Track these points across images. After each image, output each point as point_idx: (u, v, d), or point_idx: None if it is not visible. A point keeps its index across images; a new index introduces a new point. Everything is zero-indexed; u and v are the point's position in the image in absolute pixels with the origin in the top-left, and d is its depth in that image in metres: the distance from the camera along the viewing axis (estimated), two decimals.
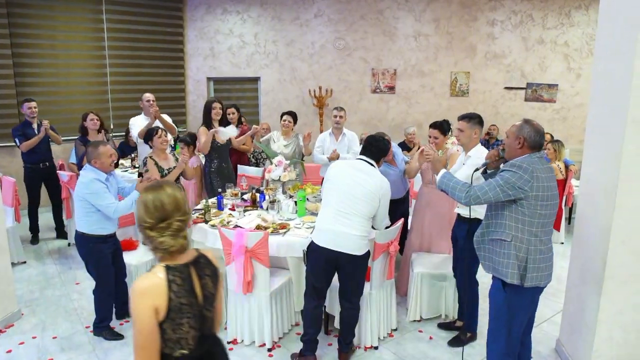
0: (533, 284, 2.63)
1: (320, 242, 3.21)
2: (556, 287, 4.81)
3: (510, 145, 2.73)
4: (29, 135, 5.73)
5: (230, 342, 3.75)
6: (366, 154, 3.38)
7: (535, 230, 2.63)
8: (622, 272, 2.92)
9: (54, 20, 7.44)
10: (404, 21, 8.48)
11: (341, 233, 3.16)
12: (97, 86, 7.99)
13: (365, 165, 3.32)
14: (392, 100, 8.74)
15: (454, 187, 2.83)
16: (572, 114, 8.31)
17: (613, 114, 2.95)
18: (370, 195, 3.20)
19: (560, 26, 8.09)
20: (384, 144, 3.40)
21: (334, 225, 3.18)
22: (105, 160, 3.62)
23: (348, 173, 3.27)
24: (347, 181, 3.23)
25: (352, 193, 3.19)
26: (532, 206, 2.59)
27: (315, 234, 3.29)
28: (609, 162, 2.97)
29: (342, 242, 3.16)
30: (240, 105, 9.10)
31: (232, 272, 3.60)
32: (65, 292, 4.68)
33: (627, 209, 2.84)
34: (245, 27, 8.78)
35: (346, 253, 3.16)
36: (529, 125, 2.68)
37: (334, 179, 3.30)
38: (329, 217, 3.22)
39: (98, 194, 3.54)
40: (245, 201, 4.65)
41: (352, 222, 3.18)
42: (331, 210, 3.22)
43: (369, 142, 3.40)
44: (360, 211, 3.19)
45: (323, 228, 3.23)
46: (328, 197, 3.30)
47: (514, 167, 2.60)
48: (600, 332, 3.03)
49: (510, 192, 2.58)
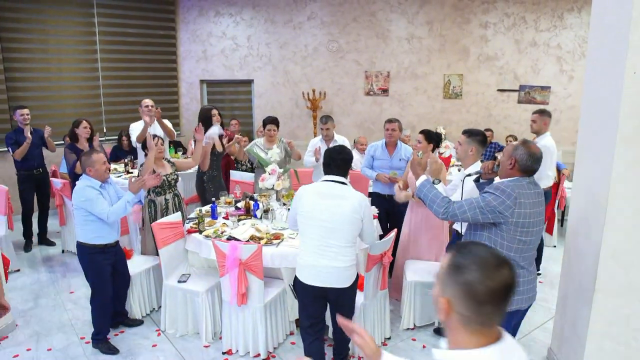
0: (514, 307, 2.65)
1: (305, 280, 3.01)
2: (548, 291, 4.88)
3: (503, 164, 2.73)
4: (21, 142, 5.71)
5: (225, 353, 3.77)
6: (332, 171, 3.05)
7: (513, 255, 2.61)
8: (612, 285, 2.95)
9: (45, 25, 7.39)
10: (397, 24, 8.48)
11: (325, 268, 2.95)
12: (90, 90, 7.95)
13: (336, 187, 3.00)
14: (386, 102, 8.75)
15: (433, 200, 2.79)
16: (564, 116, 8.36)
17: (603, 129, 2.98)
18: (351, 219, 2.94)
19: (553, 29, 8.12)
20: (347, 153, 3.10)
21: (316, 260, 2.96)
22: (99, 168, 3.61)
23: (320, 205, 2.95)
24: (323, 216, 2.93)
25: (331, 226, 2.93)
26: (511, 231, 2.58)
27: (299, 270, 3.07)
28: (600, 177, 3.00)
29: (327, 277, 2.96)
30: (234, 108, 9.14)
31: (226, 283, 3.62)
32: (59, 302, 4.67)
33: (617, 223, 2.87)
34: (238, 30, 8.76)
35: (333, 288, 2.98)
36: (525, 148, 2.63)
37: (307, 214, 2.99)
38: (310, 252, 2.99)
39: (92, 200, 3.54)
40: (239, 209, 4.66)
41: (335, 253, 2.95)
42: (311, 244, 2.98)
43: (331, 158, 3.05)
44: (344, 239, 2.96)
45: (305, 264, 3.01)
46: (305, 231, 3.02)
47: (498, 190, 2.57)
48: (591, 343, 3.07)
49: (489, 215, 2.56)
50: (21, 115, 5.72)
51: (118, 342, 3.93)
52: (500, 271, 1.24)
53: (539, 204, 2.63)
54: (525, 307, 2.72)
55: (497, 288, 1.23)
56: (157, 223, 4.00)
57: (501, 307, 1.25)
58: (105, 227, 3.67)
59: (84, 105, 7.86)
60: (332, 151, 3.11)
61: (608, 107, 2.92)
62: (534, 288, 2.75)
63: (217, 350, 3.83)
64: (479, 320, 1.25)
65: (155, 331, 4.12)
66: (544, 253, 6.02)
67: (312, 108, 8.78)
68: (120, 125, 7.70)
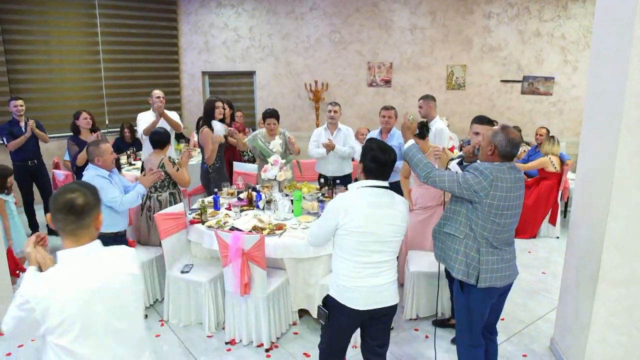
0: (487, 284, 2.72)
1: (357, 305, 2.57)
2: (551, 282, 4.88)
3: (483, 149, 2.79)
4: (16, 133, 5.71)
5: (228, 343, 3.78)
6: (379, 175, 2.62)
7: (487, 235, 2.71)
8: (615, 276, 2.95)
9: (47, 16, 7.37)
10: (400, 14, 8.43)
11: (381, 287, 2.59)
12: (91, 82, 7.94)
13: (385, 194, 2.62)
14: (388, 93, 8.72)
15: (418, 163, 2.87)
16: (568, 106, 8.31)
17: (607, 119, 2.96)
18: (401, 230, 2.63)
19: (557, 19, 8.06)
20: (394, 152, 2.66)
21: (364, 281, 2.56)
22: (107, 158, 3.69)
23: (374, 217, 2.54)
24: (379, 230, 2.53)
25: (385, 240, 2.57)
26: (485, 212, 2.67)
27: (344, 295, 2.60)
28: (603, 167, 2.99)
29: (378, 297, 2.60)
30: (236, 100, 9.12)
31: (229, 274, 3.62)
32: None
33: (621, 213, 2.86)
34: (239, 21, 8.72)
35: (384, 307, 2.63)
36: (504, 134, 2.68)
37: (359, 229, 2.52)
38: (360, 273, 2.56)
39: (102, 188, 3.54)
40: (242, 200, 4.66)
41: (388, 269, 2.63)
42: (361, 264, 2.56)
43: (381, 161, 2.58)
44: (394, 252, 2.65)
45: (351, 286, 2.57)
46: (353, 249, 2.55)
47: (477, 170, 2.66)
48: (593, 334, 3.07)
49: (465, 192, 2.67)
50: (15, 106, 5.73)
51: None
52: (63, 195, 1.79)
53: (517, 188, 2.70)
54: (500, 286, 2.77)
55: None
56: (160, 214, 4.00)
57: (68, 220, 1.79)
58: (116, 215, 3.75)
59: (86, 97, 7.85)
60: (380, 152, 2.60)
61: (612, 97, 2.90)
62: (508, 268, 2.79)
63: (220, 340, 3.85)
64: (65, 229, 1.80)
65: (158, 321, 4.14)
66: (547, 243, 6.03)
67: (315, 99, 8.76)
68: (122, 117, 7.70)
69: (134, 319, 1.93)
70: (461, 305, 2.89)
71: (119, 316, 1.84)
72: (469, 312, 2.85)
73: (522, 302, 4.47)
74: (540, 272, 5.17)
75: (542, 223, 6.25)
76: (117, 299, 1.84)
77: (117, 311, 1.83)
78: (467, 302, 2.84)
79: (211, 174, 5.29)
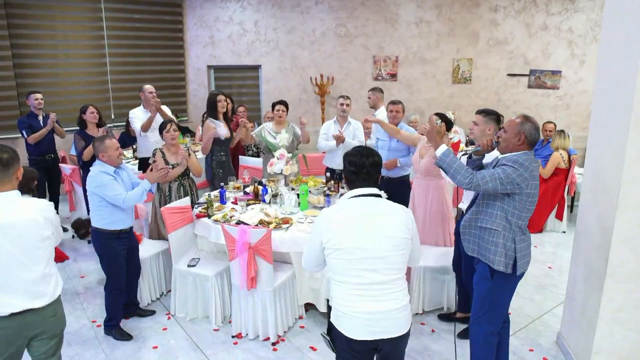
0: (522, 270, 2.83)
1: (354, 334, 2.21)
2: (557, 277, 4.88)
3: (509, 140, 2.78)
4: (35, 127, 5.73)
5: (235, 336, 3.80)
6: (363, 183, 2.28)
7: (521, 223, 2.77)
8: (623, 271, 2.94)
9: (53, 11, 7.38)
10: (406, 7, 8.39)
11: (381, 314, 2.20)
12: (97, 76, 7.96)
13: (375, 203, 2.27)
14: (394, 87, 8.69)
15: (457, 170, 2.76)
16: (575, 100, 8.26)
17: (616, 113, 2.94)
18: (402, 243, 2.23)
19: (565, 12, 8.00)
20: (376, 154, 2.35)
21: (367, 306, 2.19)
22: (112, 154, 3.61)
23: (363, 232, 2.18)
24: (369, 245, 2.17)
25: (380, 255, 2.18)
26: (523, 201, 2.73)
27: (340, 321, 2.25)
28: (612, 162, 2.97)
29: (382, 326, 2.21)
30: (241, 94, 9.12)
31: (235, 268, 3.63)
32: (70, 286, 4.72)
33: (629, 208, 2.85)
34: (245, 15, 8.69)
35: (391, 338, 2.24)
36: (531, 123, 2.76)
37: (347, 246, 2.17)
38: (355, 297, 2.20)
39: (106, 185, 3.54)
40: (248, 194, 4.66)
41: (389, 292, 2.22)
42: (355, 286, 2.20)
43: (359, 165, 2.26)
44: (396, 269, 2.24)
45: (346, 312, 2.21)
46: (345, 270, 2.20)
47: (516, 163, 2.67)
48: (601, 328, 3.07)
49: (508, 186, 2.67)
50: (35, 99, 5.74)
51: (128, 325, 3.97)
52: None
53: (538, 176, 2.81)
54: (525, 271, 2.89)
55: None
56: (166, 208, 4.02)
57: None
58: (120, 213, 3.67)
59: (92, 91, 7.86)
60: (356, 155, 2.29)
61: (622, 91, 2.88)
62: (530, 254, 2.91)
63: (226, 334, 3.87)
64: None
65: (165, 315, 4.16)
66: (553, 238, 6.01)
67: (320, 93, 8.74)
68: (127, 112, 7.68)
69: (37, 257, 2.42)
70: (485, 293, 2.89)
71: (22, 251, 2.35)
72: (498, 299, 2.88)
73: (528, 296, 4.46)
74: (546, 267, 5.16)
75: (549, 218, 6.23)
76: (20, 237, 2.34)
77: (21, 247, 2.34)
78: (496, 290, 2.86)
79: (215, 168, 5.30)
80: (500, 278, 2.82)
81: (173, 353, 3.65)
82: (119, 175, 3.69)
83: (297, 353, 3.63)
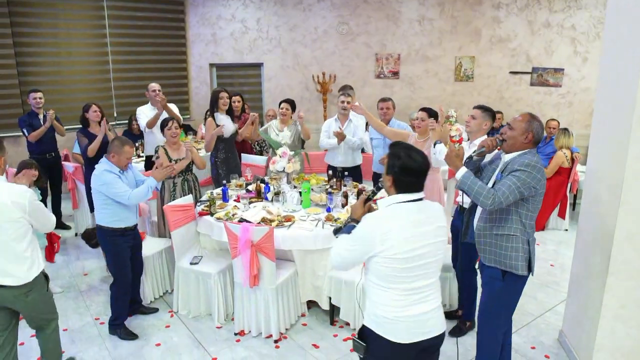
0: (534, 269, 2.86)
1: (399, 338, 2.16)
2: (560, 275, 4.88)
3: (516, 138, 2.76)
4: (36, 125, 5.74)
5: (238, 334, 3.82)
6: (414, 187, 2.18)
7: (532, 224, 2.81)
8: (625, 268, 2.94)
9: (56, 9, 7.39)
10: (408, 5, 8.37)
11: (421, 315, 2.19)
12: (100, 74, 7.96)
13: (422, 208, 2.20)
14: (396, 85, 8.68)
15: (479, 192, 2.67)
16: (578, 98, 8.23)
17: (619, 111, 2.93)
18: (443, 245, 2.26)
19: (567, 9, 7.96)
20: (427, 159, 2.22)
21: (409, 309, 2.17)
22: (122, 158, 3.65)
23: (420, 238, 2.13)
24: (424, 250, 2.14)
25: (432, 260, 2.18)
26: (536, 202, 2.74)
27: (383, 325, 2.18)
28: (615, 160, 2.97)
29: (427, 326, 2.21)
30: (243, 92, 9.07)
31: (238, 265, 3.65)
32: (73, 284, 4.74)
33: (632, 206, 2.85)
34: (247, 13, 8.69)
35: (434, 337, 2.24)
36: (537, 122, 2.77)
37: (404, 254, 2.09)
38: (398, 301, 2.16)
39: (110, 183, 3.57)
40: (250, 192, 4.67)
41: (431, 291, 2.23)
42: (397, 291, 2.15)
43: (422, 170, 2.17)
44: (435, 271, 2.25)
45: (394, 317, 2.16)
46: (386, 275, 2.14)
47: (529, 167, 2.65)
48: (603, 326, 3.07)
49: (525, 192, 2.66)
50: (34, 98, 5.75)
51: (131, 323, 3.99)
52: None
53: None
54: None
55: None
56: (169, 206, 4.03)
57: None
58: (124, 211, 3.69)
59: (95, 89, 7.88)
60: (415, 159, 2.15)
61: (625, 88, 2.87)
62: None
63: (229, 331, 3.88)
64: None
65: (168, 312, 4.18)
66: (555, 236, 6.01)
67: (322, 91, 8.73)
68: (130, 110, 7.70)
69: (10, 237, 2.68)
70: (496, 294, 2.89)
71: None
72: (510, 298, 2.91)
73: (530, 294, 4.46)
74: (548, 265, 5.16)
75: (551, 216, 6.22)
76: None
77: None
78: (508, 290, 2.87)
79: (219, 167, 5.31)
80: (512, 278, 2.81)
81: (176, 350, 3.67)
82: (123, 175, 3.70)
83: (300, 350, 3.64)
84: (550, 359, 3.55)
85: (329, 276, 3.83)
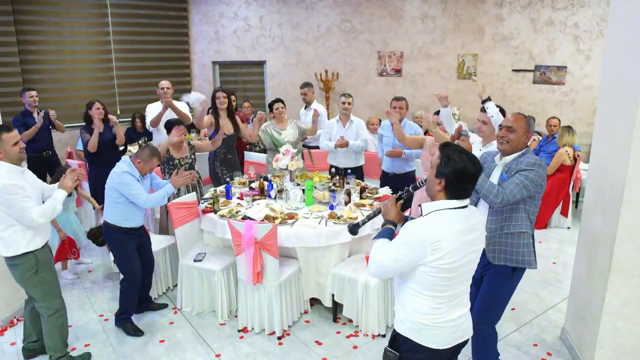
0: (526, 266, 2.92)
1: (438, 344, 2.14)
2: (562, 272, 4.88)
3: (520, 140, 2.82)
4: (30, 124, 5.74)
5: (241, 331, 3.83)
6: (467, 194, 2.12)
7: (534, 219, 2.87)
8: (627, 266, 2.94)
9: (59, 7, 7.42)
10: (411, 3, 8.37)
11: (460, 318, 2.18)
12: (103, 72, 7.99)
13: (469, 215, 2.12)
14: (399, 83, 8.68)
15: (489, 191, 2.70)
16: (580, 96, 8.23)
17: (622, 109, 2.94)
18: (483, 246, 2.23)
19: (570, 7, 7.95)
20: (480, 164, 2.12)
21: (449, 314, 2.13)
22: (146, 168, 3.75)
23: (467, 247, 2.08)
24: (465, 260, 2.09)
25: (471, 267, 2.16)
26: (539, 197, 2.83)
27: (421, 332, 2.14)
28: (617, 158, 2.97)
29: (463, 329, 2.20)
30: (246, 90, 9.13)
31: (242, 262, 3.67)
32: (77, 280, 4.77)
33: (634, 204, 2.85)
34: (250, 10, 8.70)
35: (464, 341, 2.25)
36: (533, 121, 2.92)
37: (446, 265, 2.02)
38: (439, 309, 2.11)
39: (128, 184, 3.62)
40: (253, 190, 4.69)
41: (466, 295, 2.22)
42: (443, 299, 2.10)
43: (475, 176, 2.09)
44: (471, 276, 2.23)
45: (434, 324, 2.12)
46: (430, 284, 2.07)
47: (535, 166, 2.73)
48: (605, 323, 3.07)
49: (532, 190, 2.73)
50: (30, 97, 5.75)
51: (136, 319, 4.01)
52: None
53: None
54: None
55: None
56: (173, 203, 4.05)
57: None
58: (134, 212, 3.74)
59: (98, 87, 7.90)
60: (472, 163, 2.06)
61: (628, 86, 2.88)
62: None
63: (232, 328, 3.90)
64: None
65: (171, 309, 4.20)
66: (558, 234, 6.02)
67: (325, 89, 8.74)
68: (133, 107, 7.75)
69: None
70: (501, 290, 2.92)
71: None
72: (512, 293, 2.96)
73: (532, 291, 4.48)
74: (551, 262, 5.17)
75: (553, 214, 6.23)
76: None
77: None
78: (513, 286, 2.94)
79: (218, 167, 5.32)
80: (519, 274, 2.90)
81: (180, 347, 3.69)
82: (141, 179, 3.75)
83: (303, 347, 3.66)
84: (553, 356, 3.56)
85: (332, 273, 3.85)
